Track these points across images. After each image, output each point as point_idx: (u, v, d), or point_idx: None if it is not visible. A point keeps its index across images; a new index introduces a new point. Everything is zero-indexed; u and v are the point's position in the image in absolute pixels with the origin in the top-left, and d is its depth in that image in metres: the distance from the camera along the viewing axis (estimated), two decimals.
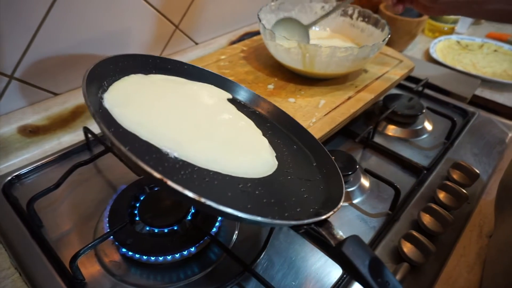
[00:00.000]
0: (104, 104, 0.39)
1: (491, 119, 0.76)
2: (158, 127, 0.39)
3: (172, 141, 0.38)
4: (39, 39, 0.55)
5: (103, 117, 0.37)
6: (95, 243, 0.43)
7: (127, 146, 0.30)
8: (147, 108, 0.41)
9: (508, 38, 1.11)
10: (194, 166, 0.37)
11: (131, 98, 0.42)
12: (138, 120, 0.39)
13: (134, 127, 0.37)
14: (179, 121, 0.42)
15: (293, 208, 0.39)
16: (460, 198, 0.54)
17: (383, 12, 0.99)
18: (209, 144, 0.42)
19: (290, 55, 0.63)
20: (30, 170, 0.57)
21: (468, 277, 0.48)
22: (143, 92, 0.44)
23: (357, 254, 0.32)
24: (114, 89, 0.42)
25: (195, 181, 0.35)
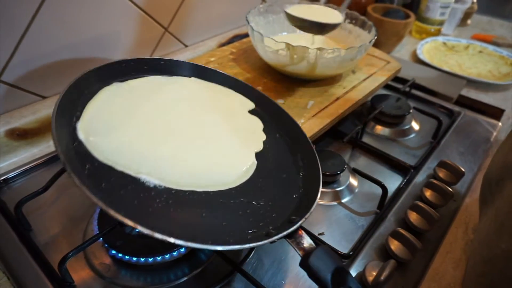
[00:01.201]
0: (78, 135, 0.38)
1: (476, 119, 0.77)
2: (133, 152, 0.39)
3: (147, 165, 0.38)
4: (26, 42, 0.55)
5: (78, 154, 0.36)
6: (84, 246, 0.43)
7: (103, 183, 0.33)
8: (122, 130, 0.41)
9: (492, 39, 1.14)
10: (170, 190, 0.38)
11: (105, 121, 0.41)
12: (112, 148, 0.39)
13: (109, 158, 0.37)
14: (155, 138, 0.42)
15: (268, 215, 0.40)
16: (446, 196, 0.55)
17: (371, 14, 1.00)
18: (186, 160, 0.42)
19: (278, 56, 0.64)
20: (18, 173, 0.57)
21: (454, 273, 0.49)
22: (117, 110, 0.44)
23: (322, 265, 0.34)
24: (87, 113, 0.41)
25: (170, 208, 0.36)
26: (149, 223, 0.31)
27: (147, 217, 0.34)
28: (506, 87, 0.91)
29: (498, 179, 0.45)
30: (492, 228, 0.42)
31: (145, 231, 0.30)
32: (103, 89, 0.45)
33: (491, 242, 0.41)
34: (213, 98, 0.53)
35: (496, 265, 0.39)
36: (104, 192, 0.34)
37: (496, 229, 0.41)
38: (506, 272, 0.37)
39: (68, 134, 0.38)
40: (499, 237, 0.39)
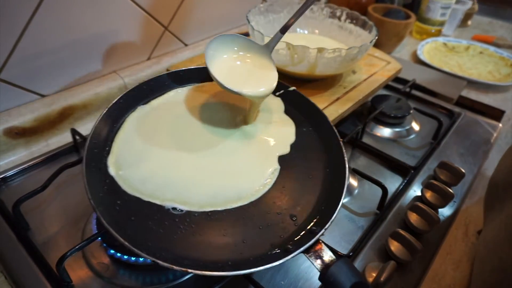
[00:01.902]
0: (109, 171, 0.41)
1: (476, 120, 0.77)
2: (158, 179, 0.42)
3: (171, 191, 0.41)
4: (25, 40, 0.55)
5: (109, 192, 0.40)
6: (82, 245, 0.42)
7: (132, 217, 0.38)
8: (147, 159, 0.43)
9: (493, 41, 1.14)
10: (193, 214, 0.40)
11: (132, 151, 0.44)
12: (139, 179, 0.41)
13: (137, 189, 0.40)
14: (179, 161, 0.44)
15: (289, 226, 0.40)
16: (446, 197, 0.55)
17: (371, 14, 1.00)
18: (207, 180, 0.43)
19: (278, 56, 0.63)
20: (16, 172, 0.56)
21: (454, 275, 0.48)
22: (142, 137, 0.45)
23: (341, 279, 0.34)
24: (116, 146, 0.44)
25: (193, 233, 0.38)
26: (174, 253, 0.35)
27: (172, 246, 0.36)
28: (506, 88, 0.91)
29: (506, 185, 0.45)
30: (502, 237, 0.41)
31: (167, 265, 0.33)
32: (128, 117, 0.48)
33: (502, 251, 0.41)
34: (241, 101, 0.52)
35: (509, 275, 0.38)
36: (133, 224, 0.37)
37: (508, 238, 0.40)
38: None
39: (98, 172, 0.41)
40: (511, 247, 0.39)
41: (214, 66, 0.46)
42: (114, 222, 0.35)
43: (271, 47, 0.48)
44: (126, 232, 0.35)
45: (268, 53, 0.48)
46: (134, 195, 0.40)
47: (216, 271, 0.34)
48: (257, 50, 0.49)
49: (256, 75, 0.47)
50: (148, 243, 0.35)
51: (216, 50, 0.47)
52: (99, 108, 0.67)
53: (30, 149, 0.60)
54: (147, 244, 0.35)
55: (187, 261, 0.35)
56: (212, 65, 0.46)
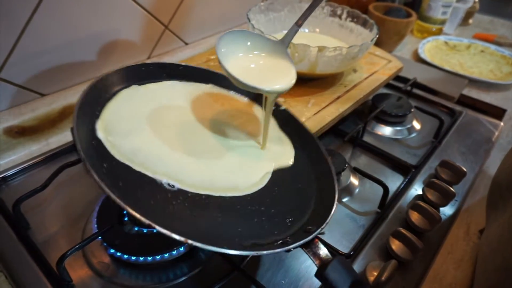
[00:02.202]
0: (97, 134, 0.39)
1: (478, 118, 0.77)
2: (151, 154, 0.40)
3: (165, 167, 0.39)
4: (26, 39, 0.55)
5: (96, 153, 0.37)
6: (82, 244, 0.42)
7: (120, 182, 0.34)
8: (140, 132, 0.42)
9: (494, 39, 1.13)
10: (186, 193, 0.38)
11: (124, 122, 0.42)
12: (130, 148, 0.39)
13: (127, 157, 0.38)
14: (174, 142, 0.43)
15: (283, 224, 0.39)
16: (447, 195, 0.55)
17: (372, 12, 1.00)
18: (204, 165, 0.42)
19: None
20: (16, 171, 0.56)
21: (455, 274, 0.48)
22: (137, 112, 0.44)
23: (338, 278, 0.34)
24: (107, 113, 0.42)
25: (187, 211, 0.36)
26: (166, 223, 0.30)
27: (163, 217, 0.34)
28: (507, 86, 0.90)
29: (509, 184, 0.45)
30: (505, 236, 0.41)
31: (163, 231, 0.29)
32: (122, 91, 0.46)
33: (506, 251, 0.40)
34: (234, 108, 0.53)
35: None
36: (121, 190, 0.34)
37: (511, 238, 0.40)
38: None
39: (87, 132, 0.38)
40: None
41: (229, 63, 0.43)
42: (102, 182, 0.31)
43: (286, 42, 0.46)
44: (115, 194, 0.31)
45: (285, 49, 0.46)
46: (124, 162, 0.37)
47: (216, 246, 0.31)
48: (272, 47, 0.47)
49: (273, 71, 0.46)
50: (137, 211, 0.30)
51: (228, 46, 0.44)
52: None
53: (30, 148, 0.60)
54: (137, 211, 0.30)
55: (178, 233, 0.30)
56: (226, 61, 0.43)
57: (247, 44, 0.46)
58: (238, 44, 0.45)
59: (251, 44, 0.46)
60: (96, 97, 0.42)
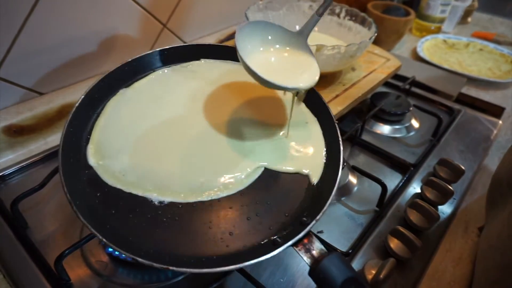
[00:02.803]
0: (88, 161, 0.40)
1: (476, 117, 0.77)
2: (140, 170, 0.40)
3: (154, 182, 0.39)
4: (23, 38, 0.55)
5: (90, 183, 0.38)
6: (81, 243, 0.42)
7: (112, 210, 0.36)
8: (128, 148, 0.41)
9: (493, 37, 1.13)
10: (177, 205, 0.38)
11: (112, 140, 0.41)
12: (121, 168, 0.39)
13: (118, 179, 0.38)
14: (162, 150, 0.42)
15: (279, 217, 0.38)
16: (446, 194, 0.55)
17: (371, 11, 0.99)
18: (192, 168, 0.41)
19: None
20: (15, 170, 0.56)
21: (454, 272, 0.48)
22: (124, 124, 0.43)
23: (331, 274, 0.32)
24: (96, 134, 0.42)
25: (176, 226, 0.36)
26: (156, 249, 0.33)
27: (155, 242, 0.35)
28: (506, 85, 0.90)
29: (510, 181, 0.45)
30: (505, 233, 0.41)
31: (146, 262, 0.31)
32: (109, 102, 0.45)
33: (506, 248, 0.40)
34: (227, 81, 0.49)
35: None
36: (113, 218, 0.36)
37: (511, 234, 0.40)
38: None
39: (78, 163, 0.39)
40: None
41: (249, 58, 0.40)
42: (93, 216, 0.34)
43: (306, 34, 0.44)
44: (106, 227, 0.34)
45: (304, 41, 0.44)
46: (115, 186, 0.38)
47: (198, 267, 0.32)
48: (292, 39, 0.44)
49: (296, 66, 0.43)
50: (129, 238, 0.34)
51: (248, 39, 0.41)
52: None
53: (28, 147, 0.60)
54: (128, 239, 0.34)
55: (169, 258, 0.33)
56: (247, 56, 0.40)
57: (268, 37, 0.43)
58: (258, 37, 0.43)
59: (271, 37, 0.44)
60: (84, 120, 0.42)
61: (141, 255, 0.31)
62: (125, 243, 0.33)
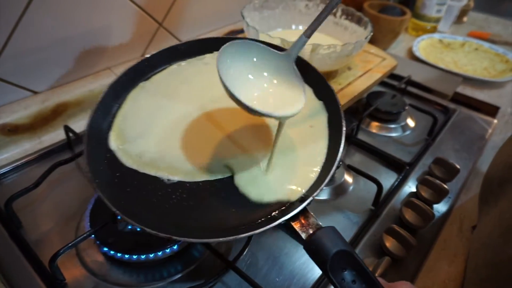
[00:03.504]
0: (110, 145, 0.43)
1: (471, 116, 0.77)
2: (154, 152, 0.43)
3: (165, 162, 0.42)
4: (17, 37, 0.54)
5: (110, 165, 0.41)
6: (75, 242, 0.42)
7: (128, 188, 0.39)
8: (145, 133, 0.44)
9: (488, 37, 1.14)
10: (185, 184, 0.40)
11: (133, 125, 0.45)
12: (138, 152, 0.43)
13: (134, 161, 0.42)
14: (173, 135, 0.44)
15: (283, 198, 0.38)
16: (441, 192, 0.55)
17: (367, 10, 1.00)
18: (201, 154, 0.43)
19: None
20: (9, 170, 0.56)
21: (448, 270, 0.49)
22: (143, 114, 0.46)
23: (324, 246, 0.32)
24: (117, 122, 0.45)
25: (184, 202, 0.39)
26: (161, 221, 0.36)
27: (163, 215, 0.38)
28: (501, 84, 0.91)
29: (501, 180, 0.45)
30: (496, 232, 0.41)
31: (153, 232, 0.33)
32: (130, 93, 0.48)
33: (496, 246, 0.40)
34: None
35: (502, 270, 0.38)
36: (128, 195, 0.39)
37: (502, 233, 0.40)
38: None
39: (101, 147, 0.43)
40: (506, 241, 0.39)
41: (232, 82, 0.38)
42: (110, 192, 0.37)
43: (293, 56, 0.41)
44: (121, 203, 0.36)
45: (291, 64, 0.41)
46: (132, 167, 0.41)
47: (198, 238, 0.34)
48: (278, 61, 0.42)
49: (282, 93, 0.41)
50: (141, 212, 0.37)
51: (230, 61, 0.39)
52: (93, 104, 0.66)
53: (23, 146, 0.60)
54: (139, 213, 0.36)
55: (174, 229, 0.35)
56: (229, 80, 0.37)
57: (253, 59, 0.41)
58: (241, 59, 0.40)
59: (256, 58, 0.42)
60: (106, 110, 0.46)
61: (147, 225, 0.34)
62: (135, 216, 0.35)
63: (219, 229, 0.36)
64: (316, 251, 0.32)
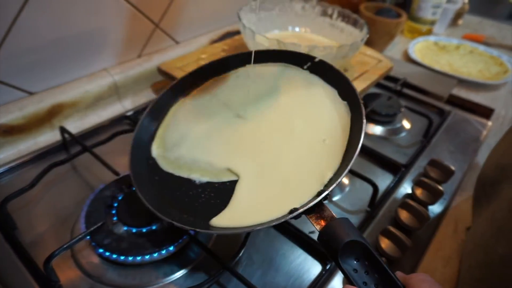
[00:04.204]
0: (152, 154, 0.49)
1: (466, 118, 0.78)
2: (188, 158, 0.47)
3: (198, 167, 0.47)
4: (13, 37, 0.54)
5: (150, 170, 0.47)
6: (70, 244, 0.42)
7: (164, 190, 0.45)
8: (182, 143, 0.49)
9: (483, 40, 1.15)
10: (213, 184, 0.44)
11: (173, 134, 0.51)
12: (175, 157, 0.48)
13: (171, 166, 0.47)
14: (206, 143, 0.49)
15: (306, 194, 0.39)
16: (436, 194, 0.56)
17: (363, 13, 1.00)
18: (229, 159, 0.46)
19: None
20: (4, 171, 0.55)
21: (443, 271, 0.49)
22: (180, 123, 0.52)
23: (336, 236, 0.32)
24: (159, 134, 0.51)
25: (211, 200, 0.43)
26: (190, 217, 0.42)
27: (193, 212, 0.42)
28: (496, 86, 0.92)
29: (493, 181, 0.46)
30: (488, 232, 0.41)
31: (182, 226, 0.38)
32: (171, 110, 0.53)
33: (488, 246, 0.41)
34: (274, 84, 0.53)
35: (494, 270, 0.39)
36: (166, 196, 0.44)
37: (493, 233, 0.40)
38: (504, 278, 0.37)
39: (143, 153, 0.49)
40: (497, 241, 0.39)
41: None
42: (150, 194, 0.43)
43: None
44: (155, 202, 0.41)
45: None
46: (168, 171, 0.47)
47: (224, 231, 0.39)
48: None
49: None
50: (173, 210, 0.42)
51: None
52: (89, 105, 0.66)
53: (18, 147, 0.59)
54: (171, 211, 0.42)
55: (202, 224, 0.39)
56: None
57: None
58: None
59: None
60: (150, 122, 0.51)
61: (176, 220, 0.39)
62: (168, 213, 0.40)
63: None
64: (328, 241, 0.32)
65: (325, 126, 0.46)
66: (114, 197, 0.49)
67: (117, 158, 0.56)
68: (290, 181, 0.41)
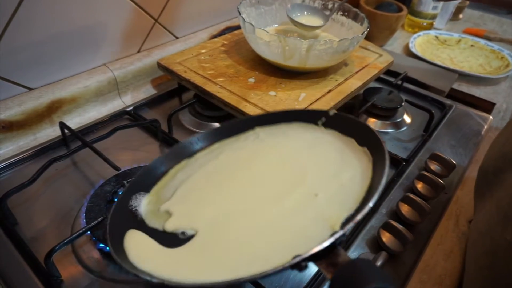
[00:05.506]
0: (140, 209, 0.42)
1: (467, 112, 0.77)
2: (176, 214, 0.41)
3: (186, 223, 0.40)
4: (11, 32, 0.54)
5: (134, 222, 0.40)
6: (71, 239, 0.42)
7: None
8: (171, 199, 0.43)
9: (484, 34, 1.14)
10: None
11: (166, 190, 0.44)
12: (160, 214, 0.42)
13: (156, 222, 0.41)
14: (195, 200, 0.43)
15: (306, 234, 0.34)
16: (437, 188, 0.55)
17: (363, 7, 1.00)
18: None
19: (270, 48, 0.63)
20: (3, 167, 0.55)
21: (445, 265, 0.49)
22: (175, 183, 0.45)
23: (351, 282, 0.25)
24: (156, 188, 0.44)
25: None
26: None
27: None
28: (497, 80, 0.91)
29: (496, 170, 0.45)
30: (494, 220, 0.41)
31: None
32: (173, 168, 0.47)
33: (494, 233, 0.41)
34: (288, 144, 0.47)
35: (501, 257, 0.38)
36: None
37: (499, 220, 0.40)
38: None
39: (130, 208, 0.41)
40: (504, 228, 0.39)
41: None
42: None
43: None
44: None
45: None
46: (153, 227, 0.40)
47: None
48: None
49: None
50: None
51: None
52: (88, 101, 0.66)
53: (17, 143, 0.59)
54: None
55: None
56: None
57: None
58: None
59: None
60: (147, 178, 0.44)
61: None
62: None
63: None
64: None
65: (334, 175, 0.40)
66: (115, 192, 0.49)
67: (117, 153, 0.56)
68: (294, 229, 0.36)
